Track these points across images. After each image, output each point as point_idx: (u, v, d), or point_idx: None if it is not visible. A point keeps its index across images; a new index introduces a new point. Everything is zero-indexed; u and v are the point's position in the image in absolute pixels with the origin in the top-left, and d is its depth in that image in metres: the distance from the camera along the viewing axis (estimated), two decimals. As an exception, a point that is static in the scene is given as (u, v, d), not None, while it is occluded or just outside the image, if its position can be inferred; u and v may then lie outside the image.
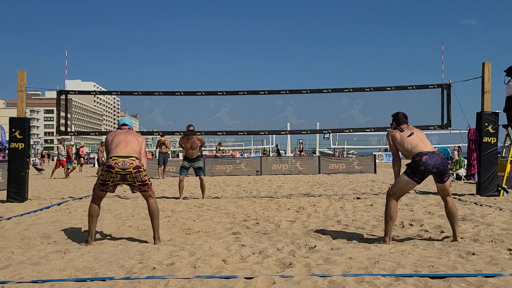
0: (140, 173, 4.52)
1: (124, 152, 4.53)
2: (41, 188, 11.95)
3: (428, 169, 4.27)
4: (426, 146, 4.42)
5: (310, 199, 8.54)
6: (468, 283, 3.09)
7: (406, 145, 4.48)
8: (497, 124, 8.86)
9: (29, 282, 3.21)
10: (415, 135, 4.52)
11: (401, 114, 4.80)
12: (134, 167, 4.47)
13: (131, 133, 4.88)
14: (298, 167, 18.32)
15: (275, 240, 4.72)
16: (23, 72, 8.86)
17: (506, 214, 6.26)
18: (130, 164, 4.45)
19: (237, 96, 9.56)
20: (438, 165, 4.29)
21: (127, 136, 4.78)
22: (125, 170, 4.45)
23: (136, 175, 4.49)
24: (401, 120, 4.78)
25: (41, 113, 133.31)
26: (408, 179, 4.37)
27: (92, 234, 4.69)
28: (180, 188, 8.96)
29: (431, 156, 4.29)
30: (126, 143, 4.65)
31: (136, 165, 4.49)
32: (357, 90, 9.40)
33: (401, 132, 4.61)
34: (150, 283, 3.18)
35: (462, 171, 13.37)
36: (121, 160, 4.44)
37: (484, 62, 8.86)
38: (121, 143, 4.64)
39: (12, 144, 8.62)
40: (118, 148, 4.57)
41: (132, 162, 4.47)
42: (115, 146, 4.62)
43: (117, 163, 4.42)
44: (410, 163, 4.42)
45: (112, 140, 4.73)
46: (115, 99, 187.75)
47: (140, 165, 4.55)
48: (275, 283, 3.12)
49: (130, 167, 4.45)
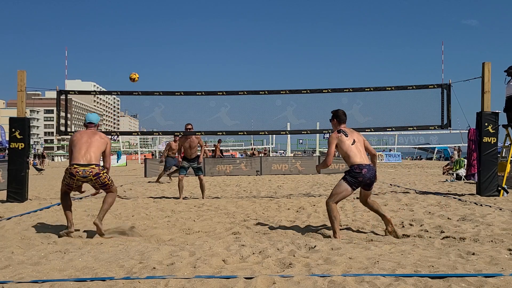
0: (100, 178, 4.82)
1: (84, 160, 4.78)
2: (41, 188, 11.95)
3: (364, 180, 4.81)
4: (364, 159, 4.88)
5: (310, 199, 8.53)
6: (468, 283, 3.09)
7: (350, 153, 4.87)
8: (497, 124, 8.85)
9: (29, 282, 3.21)
10: (357, 144, 4.91)
11: (342, 112, 5.12)
12: (94, 174, 4.78)
13: (96, 135, 5.05)
14: (298, 167, 18.33)
15: (275, 240, 4.72)
16: (23, 72, 8.86)
17: (506, 214, 6.25)
18: (90, 173, 4.76)
19: (237, 96, 9.57)
20: (372, 177, 4.85)
21: (91, 137, 4.97)
22: (86, 178, 4.79)
23: (96, 180, 4.81)
24: (342, 119, 5.10)
25: (41, 113, 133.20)
26: (348, 186, 4.84)
27: (70, 221, 5.00)
28: (179, 188, 8.96)
29: (368, 169, 4.81)
30: (88, 147, 4.86)
31: (96, 172, 4.78)
32: (357, 90, 9.40)
33: (345, 137, 4.93)
34: (150, 283, 3.18)
35: (462, 171, 13.36)
36: (82, 169, 4.74)
37: (484, 62, 8.85)
38: (83, 147, 4.85)
39: (12, 144, 8.61)
40: (80, 154, 4.80)
41: (92, 170, 4.76)
42: (77, 150, 4.84)
43: (78, 171, 4.75)
44: (350, 171, 4.84)
45: (76, 142, 4.92)
46: (115, 99, 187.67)
47: (100, 171, 4.82)
48: (275, 283, 3.12)
49: (90, 175, 4.77)
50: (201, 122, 10.03)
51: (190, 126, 9.08)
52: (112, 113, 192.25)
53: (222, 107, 9.95)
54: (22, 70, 8.85)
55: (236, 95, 9.54)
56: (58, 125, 9.32)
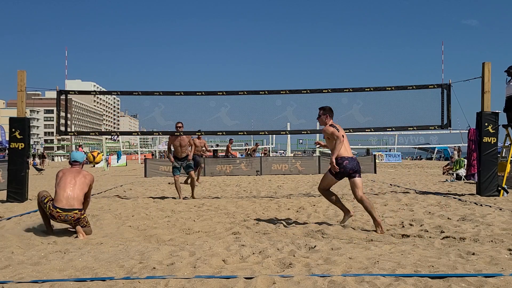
0: (80, 222, 5.00)
1: (67, 204, 4.93)
2: (41, 188, 11.94)
3: (346, 171, 5.26)
4: (349, 152, 5.37)
5: (310, 199, 8.53)
6: (468, 283, 3.09)
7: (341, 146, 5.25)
8: (497, 124, 8.85)
9: (29, 282, 3.21)
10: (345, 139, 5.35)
11: (330, 108, 5.61)
12: (75, 219, 4.97)
13: (79, 174, 5.18)
14: (298, 167, 18.33)
15: (275, 240, 4.72)
16: (23, 72, 8.86)
17: (506, 214, 6.25)
18: (71, 217, 4.95)
19: (237, 96, 9.56)
20: (354, 167, 5.28)
21: (75, 177, 5.11)
22: (66, 222, 5.00)
23: (76, 223, 4.99)
24: (332, 115, 5.58)
25: (41, 113, 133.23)
26: (332, 177, 5.39)
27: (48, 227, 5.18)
28: (177, 188, 8.93)
29: (350, 160, 5.27)
30: (72, 189, 5.01)
31: (77, 218, 4.96)
32: (357, 90, 9.39)
33: (338, 131, 5.30)
34: (150, 283, 3.18)
35: (462, 171, 13.36)
36: (64, 214, 4.91)
37: (484, 62, 8.85)
38: (67, 188, 4.99)
39: (12, 144, 8.61)
40: (63, 196, 4.94)
41: (74, 215, 4.94)
42: (61, 189, 4.99)
43: (60, 216, 4.94)
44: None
45: (61, 178, 5.11)
46: (115, 99, 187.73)
47: (81, 216, 4.98)
48: (275, 283, 3.12)
49: (71, 220, 4.97)
50: (201, 122, 10.05)
51: (180, 125, 9.07)
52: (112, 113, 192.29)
53: (222, 107, 9.95)
54: (22, 70, 8.85)
55: (236, 95, 9.53)
56: (58, 125, 9.31)
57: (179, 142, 8.98)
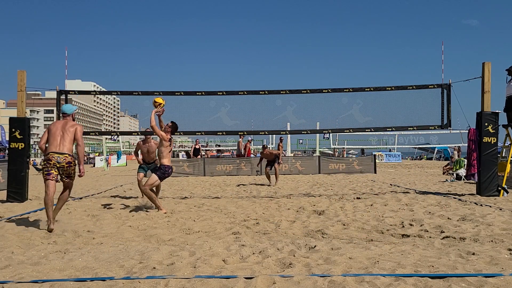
0: (70, 168, 5.60)
1: (59, 149, 5.55)
2: (41, 188, 11.91)
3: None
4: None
5: (310, 199, 8.53)
6: (468, 283, 3.09)
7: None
8: (497, 124, 8.85)
9: (29, 282, 3.21)
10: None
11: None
12: (67, 162, 5.56)
13: (68, 124, 5.73)
14: (298, 167, 18.32)
15: (275, 240, 4.72)
16: (23, 72, 8.86)
17: (506, 214, 6.25)
18: (64, 159, 5.54)
19: (237, 96, 9.57)
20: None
21: (64, 127, 5.67)
22: (60, 163, 5.53)
23: (66, 168, 5.57)
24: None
25: (41, 113, 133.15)
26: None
27: (50, 218, 5.37)
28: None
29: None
30: (62, 136, 5.60)
31: (69, 161, 5.57)
32: (357, 90, 9.40)
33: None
34: (150, 283, 3.18)
35: (462, 171, 13.36)
36: (57, 156, 5.52)
37: (484, 62, 8.85)
38: (58, 137, 5.59)
39: (12, 144, 8.61)
40: (54, 145, 5.55)
41: (66, 158, 5.55)
42: (53, 139, 5.58)
43: (53, 157, 5.51)
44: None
45: (51, 131, 5.66)
46: (115, 99, 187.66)
47: (72, 161, 5.61)
48: (275, 283, 3.12)
49: (64, 162, 5.54)
50: (201, 122, 10.04)
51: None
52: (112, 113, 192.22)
53: (222, 107, 9.96)
54: (22, 70, 8.86)
55: (236, 95, 9.54)
56: (58, 125, 9.30)
57: (146, 149, 8.53)
